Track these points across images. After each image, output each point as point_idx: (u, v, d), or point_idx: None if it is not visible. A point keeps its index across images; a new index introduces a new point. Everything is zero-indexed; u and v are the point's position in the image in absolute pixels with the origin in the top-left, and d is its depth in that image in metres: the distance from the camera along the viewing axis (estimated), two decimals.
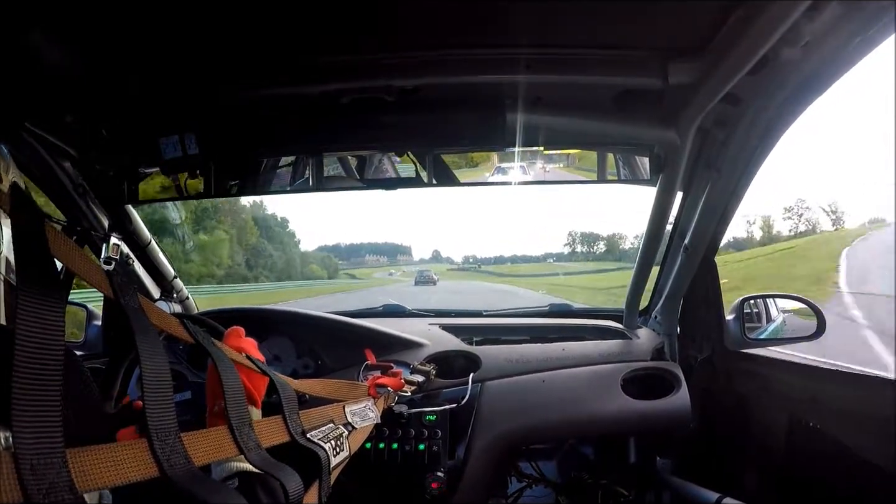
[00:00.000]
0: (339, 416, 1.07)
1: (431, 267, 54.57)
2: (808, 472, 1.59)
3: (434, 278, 31.70)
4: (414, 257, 77.57)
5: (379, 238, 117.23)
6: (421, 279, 31.42)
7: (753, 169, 1.49)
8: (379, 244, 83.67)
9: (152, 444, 0.57)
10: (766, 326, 2.01)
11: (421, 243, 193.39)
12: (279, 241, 35.17)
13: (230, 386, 0.78)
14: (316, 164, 1.53)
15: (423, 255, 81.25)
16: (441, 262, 71.16)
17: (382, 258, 73.86)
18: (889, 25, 0.97)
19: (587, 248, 61.06)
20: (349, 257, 73.05)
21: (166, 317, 0.75)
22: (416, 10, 1.09)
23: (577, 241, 63.12)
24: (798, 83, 1.18)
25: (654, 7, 1.07)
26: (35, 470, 0.43)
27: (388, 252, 78.26)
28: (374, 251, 77.76)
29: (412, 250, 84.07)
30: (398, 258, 74.81)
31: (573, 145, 1.53)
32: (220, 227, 26.41)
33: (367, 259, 72.79)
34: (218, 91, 1.35)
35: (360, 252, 76.78)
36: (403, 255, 78.22)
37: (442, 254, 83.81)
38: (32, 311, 0.48)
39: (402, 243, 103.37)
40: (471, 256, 71.55)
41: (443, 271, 53.94)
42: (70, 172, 1.56)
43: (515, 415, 1.69)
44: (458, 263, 64.51)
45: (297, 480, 0.78)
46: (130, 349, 1.07)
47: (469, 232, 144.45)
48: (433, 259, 77.68)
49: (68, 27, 1.08)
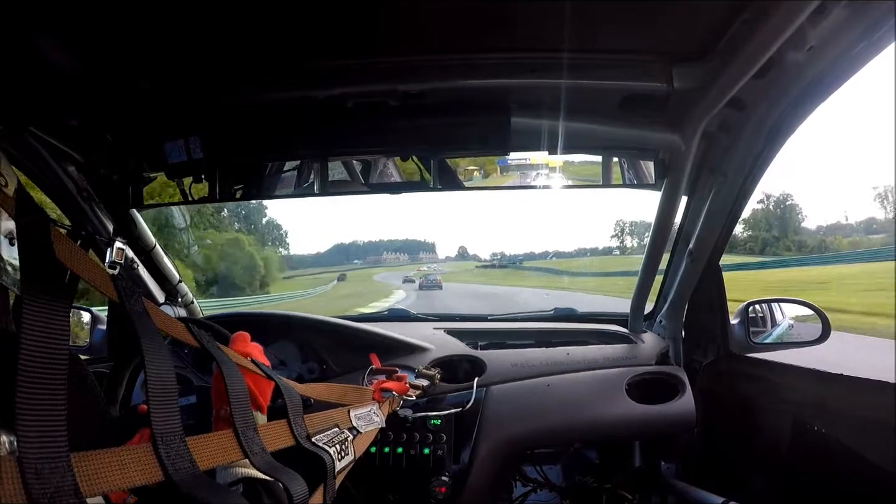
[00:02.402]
0: (344, 421, 1.07)
1: (458, 266, 52.09)
2: (812, 476, 1.58)
3: (440, 282, 30.86)
4: (439, 255, 74.16)
5: (400, 235, 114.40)
6: (427, 284, 30.53)
7: (758, 173, 1.48)
8: (399, 241, 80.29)
9: (157, 448, 0.57)
10: (770, 331, 2.00)
11: (446, 240, 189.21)
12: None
13: (235, 390, 0.78)
14: (321, 169, 1.53)
15: (448, 253, 77.78)
16: (467, 260, 67.68)
17: (403, 256, 71.02)
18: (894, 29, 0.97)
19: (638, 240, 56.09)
20: (365, 255, 70.34)
21: (171, 321, 0.75)
22: (421, 14, 1.09)
23: (627, 233, 59.41)
24: (803, 87, 1.18)
25: (658, 11, 1.07)
26: (40, 474, 0.43)
27: (410, 249, 74.96)
28: (393, 249, 74.55)
29: (436, 247, 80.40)
30: (420, 256, 71.75)
31: (578, 150, 1.53)
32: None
33: (386, 257, 70.30)
34: (223, 95, 1.35)
35: (378, 250, 74.03)
36: (427, 252, 74.89)
37: (469, 251, 79.53)
38: (37, 315, 0.48)
39: (426, 240, 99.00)
40: (498, 253, 67.79)
41: (470, 270, 50.58)
42: (75, 177, 1.57)
43: (520, 419, 1.69)
44: (487, 260, 60.46)
45: (302, 485, 0.78)
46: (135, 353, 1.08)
47: (496, 228, 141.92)
48: (459, 257, 74.01)
49: (72, 31, 1.08)
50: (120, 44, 1.14)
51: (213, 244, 24.04)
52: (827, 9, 0.96)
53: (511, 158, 1.63)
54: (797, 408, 1.62)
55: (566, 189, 1.66)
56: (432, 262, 63.11)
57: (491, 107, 1.37)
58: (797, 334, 1.91)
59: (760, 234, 48.42)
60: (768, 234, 48.46)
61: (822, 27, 1.00)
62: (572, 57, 1.22)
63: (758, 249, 45.94)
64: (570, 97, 1.35)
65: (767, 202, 49.88)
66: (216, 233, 27.28)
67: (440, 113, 1.39)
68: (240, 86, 1.32)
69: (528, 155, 1.58)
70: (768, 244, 47.24)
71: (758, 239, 47.84)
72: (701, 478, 1.86)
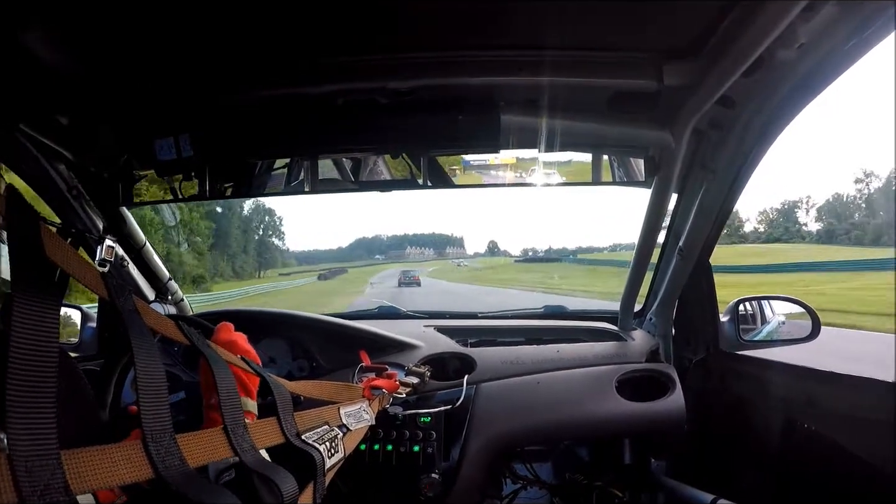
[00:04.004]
0: (334, 418, 1.08)
1: (489, 261, 49.59)
2: (802, 473, 1.59)
3: (418, 279, 30.57)
4: (467, 250, 71.33)
5: (426, 229, 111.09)
6: (405, 280, 30.35)
7: (748, 171, 1.48)
8: (424, 235, 77.70)
9: (147, 445, 0.58)
10: (760, 328, 2.01)
11: (475, 233, 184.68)
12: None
13: (224, 388, 0.79)
14: (311, 166, 1.53)
15: (477, 249, 74.44)
16: (497, 256, 65.13)
17: (428, 251, 68.92)
18: (885, 27, 0.97)
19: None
20: (388, 251, 68.46)
21: (161, 318, 0.75)
22: (411, 12, 1.09)
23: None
24: (793, 85, 1.18)
25: (648, 9, 1.07)
26: (30, 471, 0.44)
27: (436, 244, 72.39)
28: (418, 243, 72.15)
29: (465, 242, 77.16)
30: (447, 251, 69.34)
31: (568, 147, 1.53)
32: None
33: (410, 252, 68.35)
34: (212, 93, 1.35)
35: (401, 244, 71.98)
36: (455, 247, 72.29)
37: (500, 245, 75.98)
38: (27, 313, 0.49)
39: (453, 234, 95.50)
40: (534, 248, 64.74)
41: (502, 266, 47.52)
42: (64, 174, 1.56)
43: (510, 416, 1.69)
44: (529, 253, 57.01)
45: (292, 482, 0.78)
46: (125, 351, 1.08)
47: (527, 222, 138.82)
48: (489, 252, 70.99)
49: (63, 29, 1.08)
50: (110, 42, 1.14)
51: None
52: (817, 7, 0.96)
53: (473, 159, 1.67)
54: (787, 405, 1.62)
55: (554, 187, 1.66)
56: (460, 258, 60.94)
57: (480, 104, 1.38)
58: (787, 332, 1.92)
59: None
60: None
61: (813, 25, 1.00)
62: (562, 54, 1.22)
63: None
64: (560, 95, 1.35)
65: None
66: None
67: (430, 111, 1.39)
68: (230, 84, 1.32)
69: (487, 156, 1.61)
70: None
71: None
72: (691, 475, 1.86)
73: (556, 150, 1.51)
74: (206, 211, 29.16)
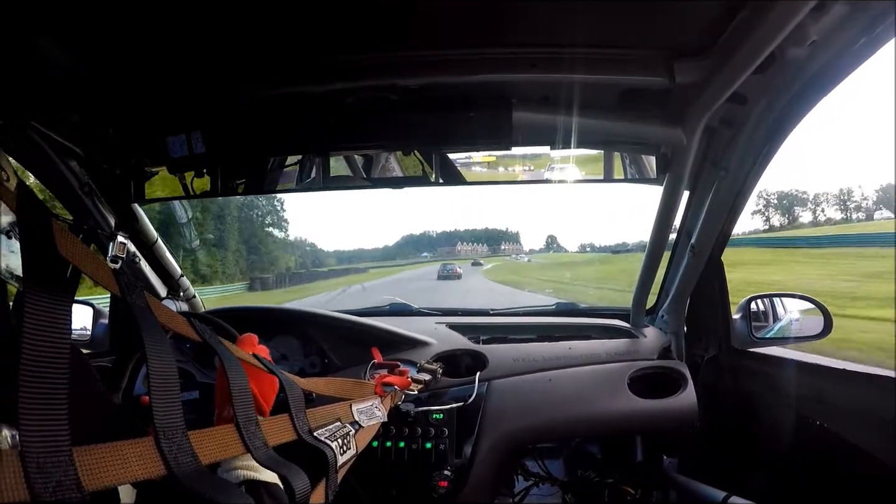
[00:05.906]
0: (346, 415, 1.07)
1: (543, 257, 48.20)
2: (814, 470, 1.59)
3: (459, 272, 31.01)
4: (523, 245, 69.88)
5: (479, 225, 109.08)
6: (444, 273, 31.00)
7: (760, 168, 1.48)
8: (478, 231, 76.44)
9: (159, 442, 0.57)
10: (772, 325, 1.99)
11: (532, 228, 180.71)
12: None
13: (237, 384, 0.79)
14: (322, 163, 1.54)
15: (532, 245, 72.96)
16: (553, 251, 63.38)
17: (481, 247, 68.06)
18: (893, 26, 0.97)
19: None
20: (437, 247, 67.68)
21: (173, 315, 0.75)
22: (420, 10, 1.09)
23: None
24: (804, 82, 1.18)
25: (660, 6, 1.07)
26: (42, 468, 0.44)
27: (490, 240, 71.26)
28: (471, 239, 71.31)
29: (520, 237, 75.24)
30: (502, 247, 68.26)
31: (580, 144, 1.52)
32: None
33: (461, 249, 67.47)
34: (224, 90, 1.35)
35: (452, 240, 71.29)
36: (510, 242, 71.03)
37: (558, 240, 74.77)
38: (39, 309, 0.49)
39: (509, 229, 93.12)
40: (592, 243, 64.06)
41: (564, 263, 45.91)
42: (76, 171, 1.57)
43: (522, 413, 1.69)
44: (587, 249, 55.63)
45: (304, 479, 0.78)
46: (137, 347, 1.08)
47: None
48: (546, 248, 69.98)
49: (75, 27, 1.08)
50: (121, 39, 1.14)
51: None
52: (827, 5, 0.96)
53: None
54: (799, 402, 1.62)
55: (565, 184, 1.65)
56: (517, 254, 59.70)
57: (492, 102, 1.37)
58: (799, 329, 1.90)
59: None
60: None
61: (823, 23, 1.00)
62: (573, 52, 1.22)
63: None
64: (572, 92, 1.34)
65: None
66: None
67: (441, 108, 1.39)
68: (242, 81, 1.33)
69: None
70: None
71: None
72: (703, 472, 1.86)
73: (568, 147, 1.50)
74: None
